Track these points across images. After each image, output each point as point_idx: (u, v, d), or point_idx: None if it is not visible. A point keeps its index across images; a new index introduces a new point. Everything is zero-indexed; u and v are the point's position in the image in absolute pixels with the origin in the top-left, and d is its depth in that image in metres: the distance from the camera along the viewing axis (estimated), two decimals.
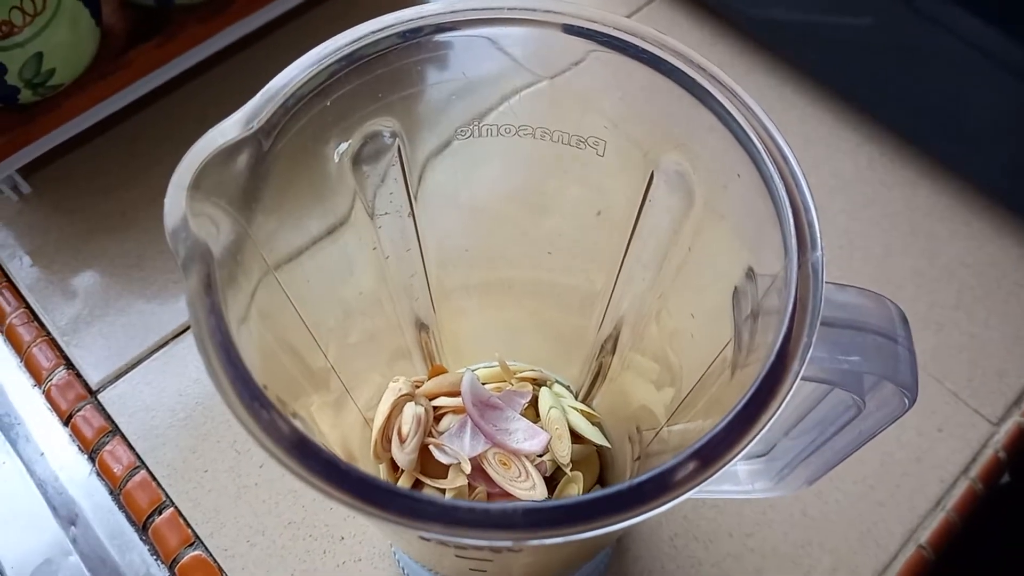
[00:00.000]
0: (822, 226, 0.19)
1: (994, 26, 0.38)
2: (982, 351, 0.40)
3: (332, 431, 0.25)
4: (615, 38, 0.22)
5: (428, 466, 0.29)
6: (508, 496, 0.28)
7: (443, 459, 0.28)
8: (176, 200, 0.18)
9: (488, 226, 0.29)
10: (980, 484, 0.37)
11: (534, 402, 0.31)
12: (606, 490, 0.15)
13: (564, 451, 0.29)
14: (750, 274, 0.21)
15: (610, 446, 0.31)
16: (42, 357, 0.39)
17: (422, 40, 0.22)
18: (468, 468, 0.27)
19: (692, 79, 0.21)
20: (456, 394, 0.29)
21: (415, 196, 0.26)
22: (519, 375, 0.32)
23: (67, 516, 0.36)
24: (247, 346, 0.18)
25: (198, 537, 0.35)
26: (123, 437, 0.37)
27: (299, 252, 0.23)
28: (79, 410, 0.38)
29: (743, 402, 0.17)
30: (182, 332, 0.40)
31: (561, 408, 0.30)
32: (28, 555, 0.35)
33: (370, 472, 0.16)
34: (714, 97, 0.21)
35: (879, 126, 0.47)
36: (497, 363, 0.32)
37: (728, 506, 0.36)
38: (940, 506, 0.36)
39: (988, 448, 0.38)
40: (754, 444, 0.16)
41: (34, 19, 0.35)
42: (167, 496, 0.36)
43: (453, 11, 0.22)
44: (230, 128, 0.19)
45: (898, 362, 0.20)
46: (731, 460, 0.16)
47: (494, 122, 0.25)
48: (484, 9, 0.22)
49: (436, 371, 0.32)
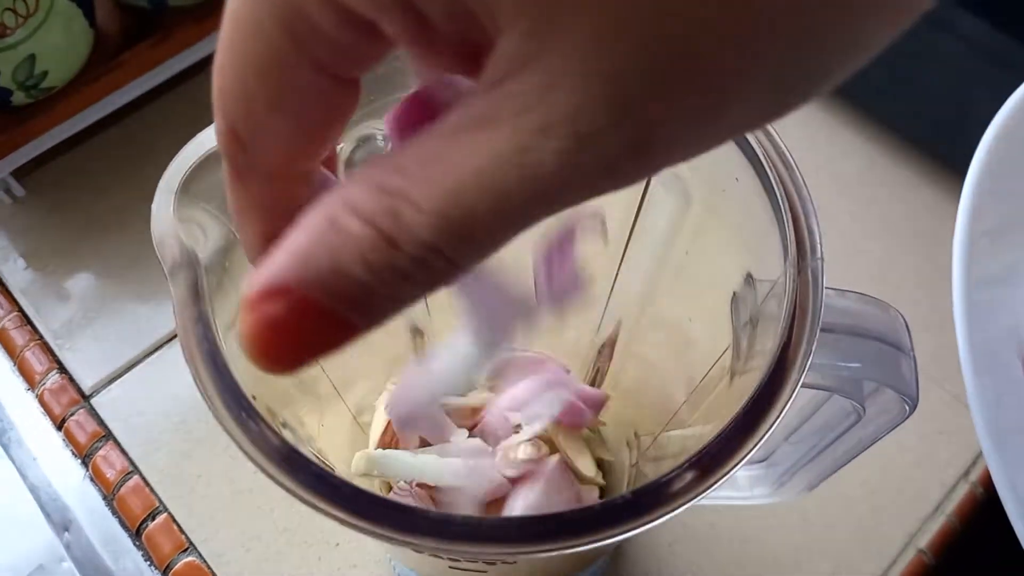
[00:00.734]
0: (823, 228, 0.19)
1: (994, 26, 0.38)
2: None
3: (323, 435, 0.24)
4: None
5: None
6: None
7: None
8: (164, 205, 0.17)
9: None
10: (981, 488, 0.37)
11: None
12: (602, 502, 0.15)
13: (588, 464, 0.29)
14: (749, 279, 0.21)
15: (604, 483, 0.30)
16: (35, 361, 0.39)
17: None
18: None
19: None
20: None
21: None
22: None
23: (60, 522, 0.36)
24: (236, 354, 0.17)
25: (192, 543, 0.34)
26: (116, 442, 0.37)
27: None
28: (72, 415, 0.37)
29: (741, 412, 0.16)
30: (176, 336, 0.40)
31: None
32: (21, 561, 0.35)
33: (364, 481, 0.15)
34: None
35: (879, 126, 0.47)
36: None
37: (727, 511, 0.35)
38: (940, 510, 0.36)
39: None
40: (753, 453, 0.16)
41: (27, 21, 0.35)
42: (161, 501, 0.35)
43: None
44: None
45: (899, 369, 0.20)
46: (729, 471, 0.16)
47: None
48: None
49: None
